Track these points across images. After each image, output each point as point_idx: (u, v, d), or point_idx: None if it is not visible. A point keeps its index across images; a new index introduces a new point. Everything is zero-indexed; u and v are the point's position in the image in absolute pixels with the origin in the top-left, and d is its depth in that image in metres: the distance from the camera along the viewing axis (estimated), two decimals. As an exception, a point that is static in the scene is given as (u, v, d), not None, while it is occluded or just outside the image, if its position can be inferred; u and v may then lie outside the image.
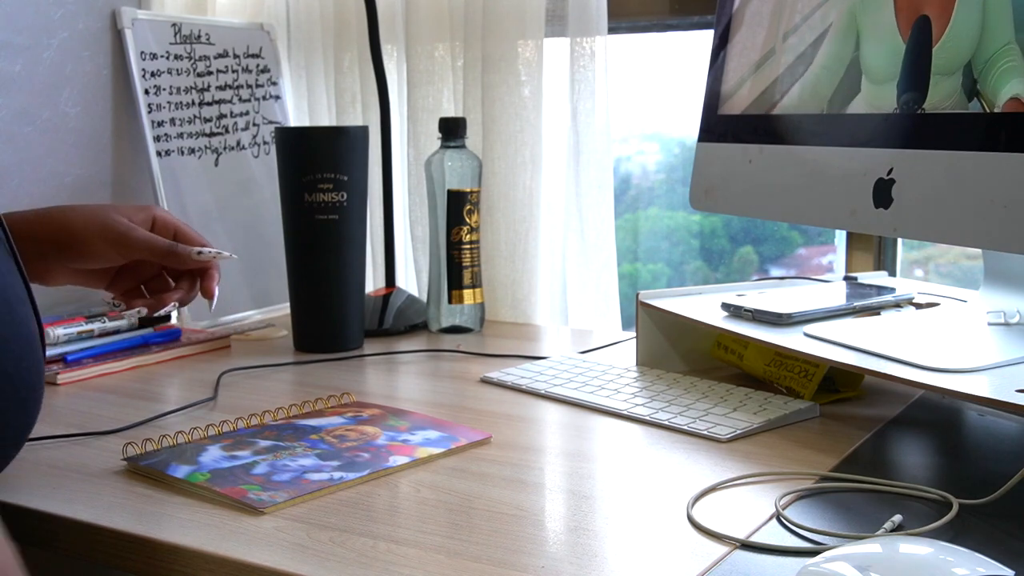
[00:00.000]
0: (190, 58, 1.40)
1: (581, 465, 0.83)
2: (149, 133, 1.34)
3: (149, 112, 1.34)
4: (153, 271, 1.00)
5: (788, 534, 0.68)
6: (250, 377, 1.12)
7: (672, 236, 1.63)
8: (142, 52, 1.35)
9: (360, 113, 1.52)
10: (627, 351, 1.17)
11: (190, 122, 1.39)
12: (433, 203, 1.31)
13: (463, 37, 1.41)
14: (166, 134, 1.36)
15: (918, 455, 0.88)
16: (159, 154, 1.34)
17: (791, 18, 1.02)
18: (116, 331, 1.21)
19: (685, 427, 0.89)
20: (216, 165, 1.42)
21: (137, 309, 0.94)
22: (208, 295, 0.97)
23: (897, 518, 0.68)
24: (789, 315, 0.98)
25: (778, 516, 0.71)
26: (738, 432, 0.87)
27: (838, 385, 0.98)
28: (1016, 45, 0.79)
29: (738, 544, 0.67)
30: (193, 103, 1.40)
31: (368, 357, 1.21)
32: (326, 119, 1.54)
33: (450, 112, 1.45)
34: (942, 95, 0.85)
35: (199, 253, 0.90)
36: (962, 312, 1.00)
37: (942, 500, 0.72)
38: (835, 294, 1.07)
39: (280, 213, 1.25)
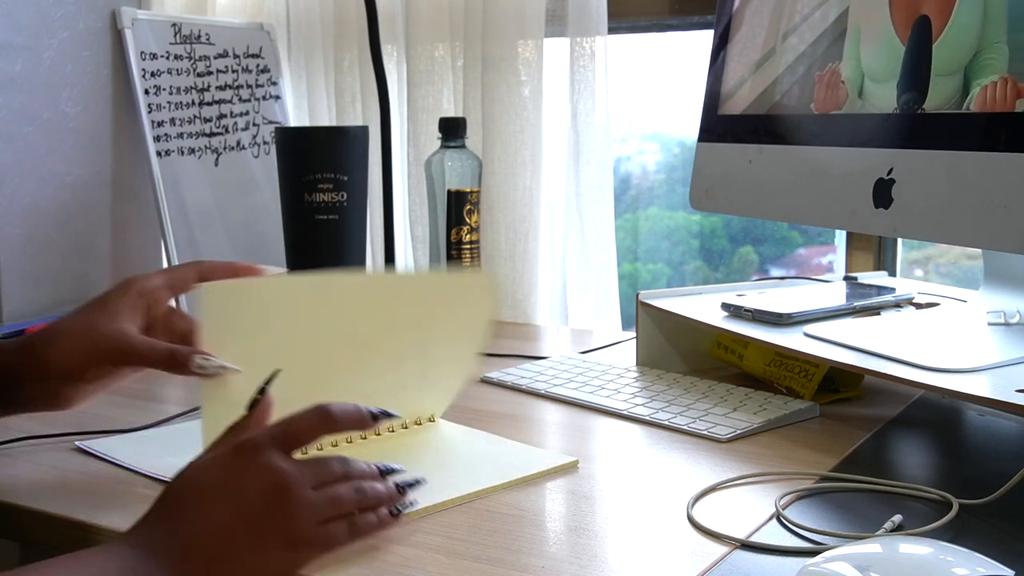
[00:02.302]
0: (190, 58, 1.40)
1: (581, 465, 0.83)
2: (149, 133, 1.34)
3: (149, 112, 1.34)
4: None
5: (788, 534, 0.68)
6: (250, 377, 1.12)
7: (672, 236, 1.63)
8: (142, 52, 1.35)
9: (360, 113, 1.52)
10: (627, 351, 1.16)
11: (190, 122, 1.39)
12: (433, 203, 1.31)
13: (463, 37, 1.41)
14: (166, 134, 1.36)
15: (918, 455, 0.88)
16: (159, 154, 1.34)
17: (791, 18, 1.02)
18: (116, 331, 1.21)
19: (685, 427, 0.89)
20: (216, 165, 1.42)
21: None
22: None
23: (897, 518, 0.68)
24: (789, 315, 0.98)
25: (778, 516, 0.71)
26: (738, 432, 0.87)
27: (838, 385, 0.98)
28: (1005, 45, 0.79)
29: (738, 544, 0.67)
30: (193, 103, 1.40)
31: (368, 357, 1.21)
32: (326, 119, 1.54)
33: (450, 112, 1.45)
34: (943, 96, 0.85)
35: (201, 368, 0.75)
36: (962, 312, 1.00)
37: (942, 500, 0.72)
38: (835, 294, 1.07)
39: (280, 213, 1.25)
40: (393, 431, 0.87)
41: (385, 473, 0.68)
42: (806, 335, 0.94)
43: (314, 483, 0.64)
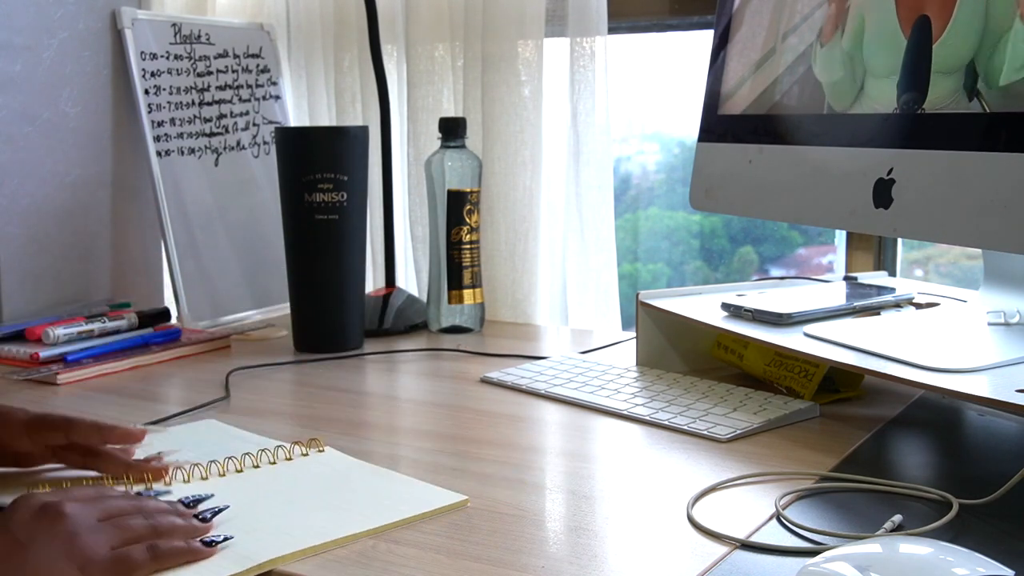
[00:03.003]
0: (190, 58, 1.40)
1: (581, 465, 0.83)
2: (149, 133, 1.34)
3: (149, 112, 1.34)
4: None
5: (788, 534, 0.68)
6: (252, 377, 1.12)
7: (672, 236, 1.63)
8: (142, 52, 1.35)
9: (360, 113, 1.52)
10: (627, 351, 1.17)
11: (190, 122, 1.39)
12: (433, 203, 1.31)
13: (463, 37, 1.41)
14: (166, 134, 1.36)
15: (918, 455, 0.88)
16: (159, 154, 1.34)
17: (791, 18, 1.02)
18: (116, 331, 1.21)
19: (685, 427, 0.89)
20: (216, 165, 1.42)
21: None
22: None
23: (897, 518, 0.68)
24: (789, 315, 0.98)
25: (778, 516, 0.71)
26: (738, 432, 0.87)
27: (838, 385, 0.98)
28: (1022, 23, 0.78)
29: (738, 544, 0.67)
30: (193, 103, 1.40)
31: (368, 357, 1.21)
32: (326, 119, 1.54)
33: (450, 112, 1.45)
34: (943, 95, 0.85)
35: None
36: (962, 312, 1.00)
37: (942, 500, 0.72)
38: (835, 294, 1.07)
39: (280, 213, 1.25)
40: (275, 463, 0.81)
41: (189, 505, 0.68)
42: (806, 335, 0.94)
43: (98, 515, 0.62)
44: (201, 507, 0.69)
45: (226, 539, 0.66)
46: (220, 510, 0.69)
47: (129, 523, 0.62)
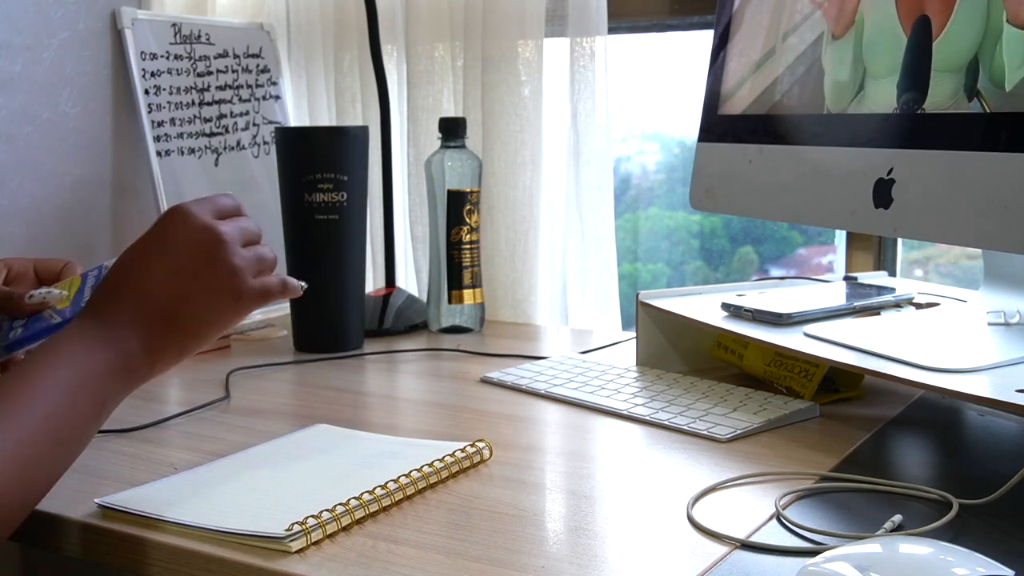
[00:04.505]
0: (190, 58, 1.40)
1: (581, 465, 0.83)
2: (149, 133, 1.34)
3: (149, 112, 1.34)
4: None
5: (788, 534, 0.68)
6: (252, 377, 1.12)
7: (672, 236, 1.63)
8: (142, 52, 1.35)
9: (360, 113, 1.52)
10: (627, 351, 1.17)
11: (190, 122, 1.39)
12: (433, 203, 1.31)
13: (463, 37, 1.41)
14: (166, 134, 1.36)
15: (918, 455, 0.88)
16: (159, 154, 1.34)
17: (791, 18, 1.02)
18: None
19: (685, 427, 0.89)
20: (216, 165, 1.42)
21: None
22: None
23: (897, 518, 0.68)
24: (789, 315, 0.98)
25: (778, 516, 0.71)
26: (738, 432, 0.87)
27: (838, 385, 0.98)
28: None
29: (738, 544, 0.67)
30: (193, 103, 1.40)
31: (368, 357, 1.21)
32: (326, 119, 1.54)
33: (450, 112, 1.45)
34: (943, 95, 0.85)
35: (30, 297, 0.82)
36: (962, 312, 1.00)
37: (942, 500, 0.72)
38: (835, 294, 1.07)
39: (280, 213, 1.25)
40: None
41: None
42: (806, 335, 0.94)
43: (243, 241, 0.70)
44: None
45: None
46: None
47: (262, 252, 0.71)
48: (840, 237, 1.39)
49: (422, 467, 0.78)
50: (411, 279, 1.50)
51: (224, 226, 0.70)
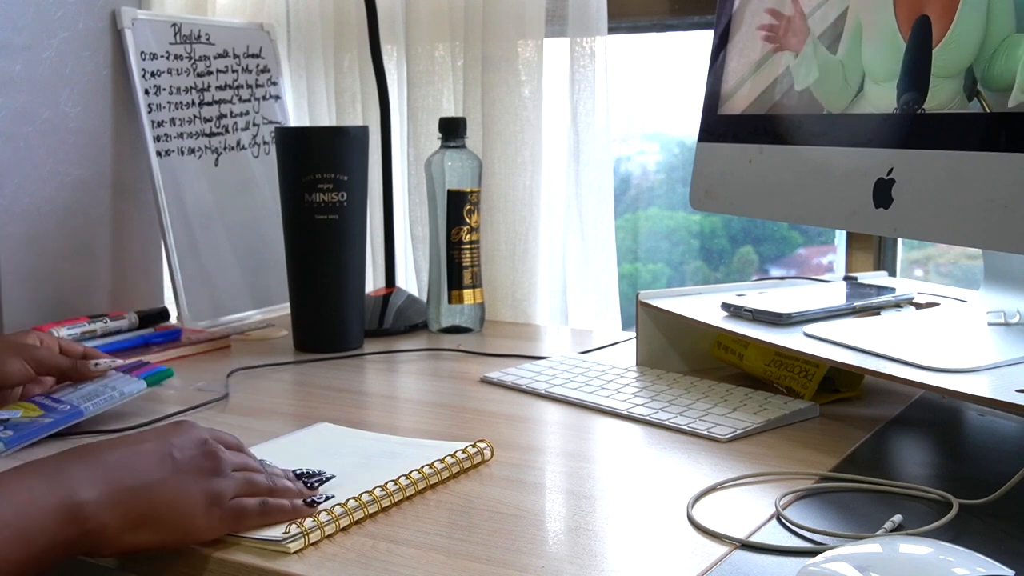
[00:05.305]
0: (190, 58, 1.40)
1: (581, 465, 0.83)
2: (149, 133, 1.34)
3: (149, 112, 1.34)
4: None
5: (788, 534, 0.68)
6: (252, 377, 1.12)
7: (672, 236, 1.63)
8: (142, 52, 1.35)
9: (360, 113, 1.52)
10: (627, 351, 1.17)
11: (190, 122, 1.39)
12: (433, 203, 1.31)
13: (463, 37, 1.41)
14: (166, 134, 1.36)
15: (918, 455, 0.88)
16: (159, 154, 1.34)
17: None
18: (117, 331, 1.22)
19: (685, 427, 0.89)
20: (216, 165, 1.42)
21: None
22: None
23: (897, 518, 0.68)
24: (789, 315, 0.98)
25: (778, 516, 0.71)
26: (738, 432, 0.87)
27: (838, 385, 0.98)
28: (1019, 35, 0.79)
29: (738, 544, 0.67)
30: (193, 103, 1.40)
31: (368, 357, 1.21)
32: (326, 119, 1.54)
33: (450, 112, 1.45)
34: (943, 98, 0.85)
35: (96, 365, 0.98)
36: (962, 312, 1.00)
37: (942, 500, 0.72)
38: (835, 294, 1.07)
39: (280, 213, 1.25)
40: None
41: (300, 476, 0.75)
42: (806, 335, 0.94)
43: (236, 464, 0.71)
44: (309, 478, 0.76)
45: (327, 499, 0.73)
46: (328, 479, 0.76)
47: (254, 478, 0.71)
48: (840, 237, 1.39)
49: (422, 467, 0.78)
50: (411, 279, 1.50)
51: (225, 450, 0.71)
